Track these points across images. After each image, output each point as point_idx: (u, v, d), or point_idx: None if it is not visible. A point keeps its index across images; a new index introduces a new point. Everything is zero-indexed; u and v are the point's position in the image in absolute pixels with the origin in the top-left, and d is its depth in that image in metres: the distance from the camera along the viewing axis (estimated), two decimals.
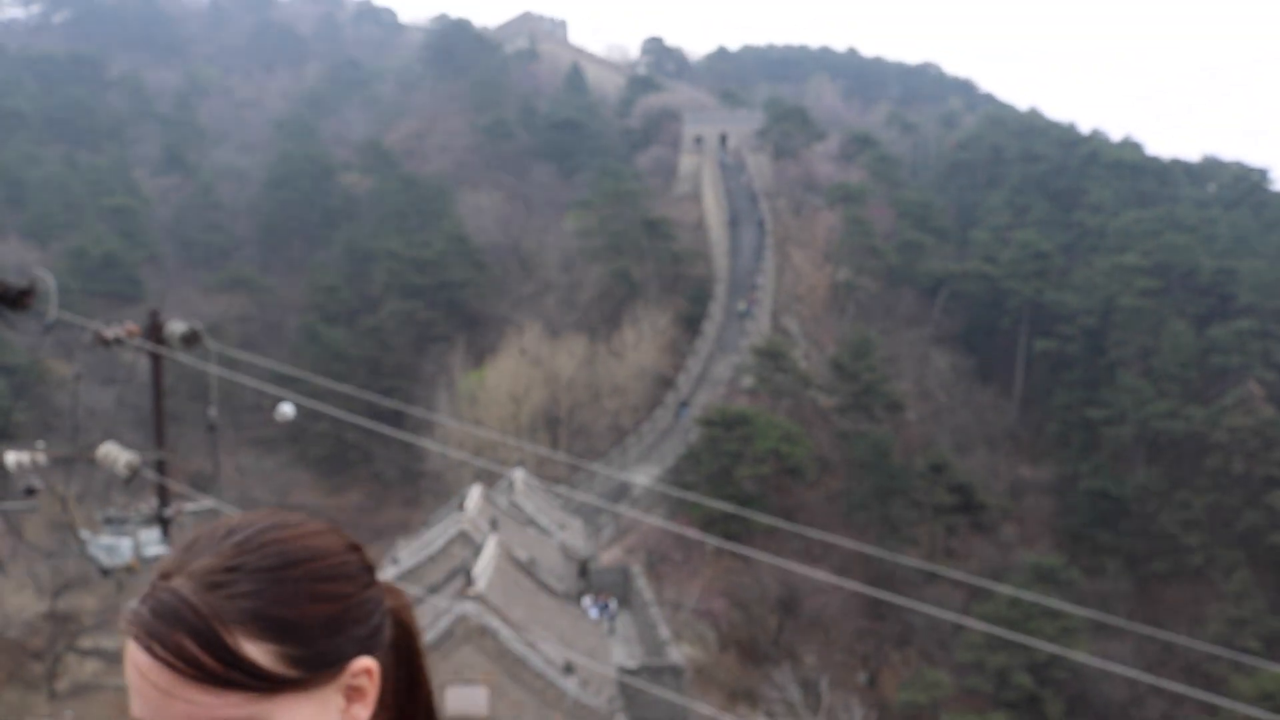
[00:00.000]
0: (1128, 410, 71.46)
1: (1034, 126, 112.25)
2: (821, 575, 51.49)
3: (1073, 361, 79.75)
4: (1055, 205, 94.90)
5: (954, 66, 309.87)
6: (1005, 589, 51.57)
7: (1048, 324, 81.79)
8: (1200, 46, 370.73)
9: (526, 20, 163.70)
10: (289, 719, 1.39)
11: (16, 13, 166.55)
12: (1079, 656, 38.65)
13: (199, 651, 1.34)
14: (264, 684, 1.36)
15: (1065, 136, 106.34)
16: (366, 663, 1.45)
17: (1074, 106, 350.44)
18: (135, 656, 1.36)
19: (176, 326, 18.93)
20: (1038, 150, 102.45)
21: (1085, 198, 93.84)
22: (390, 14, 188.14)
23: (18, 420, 64.77)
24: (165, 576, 1.39)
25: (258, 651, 1.35)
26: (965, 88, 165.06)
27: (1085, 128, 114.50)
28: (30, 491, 16.54)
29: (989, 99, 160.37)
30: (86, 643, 46.33)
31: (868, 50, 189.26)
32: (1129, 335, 76.78)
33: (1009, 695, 52.41)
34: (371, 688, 1.47)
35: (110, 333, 18.31)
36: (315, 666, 1.40)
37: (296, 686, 1.39)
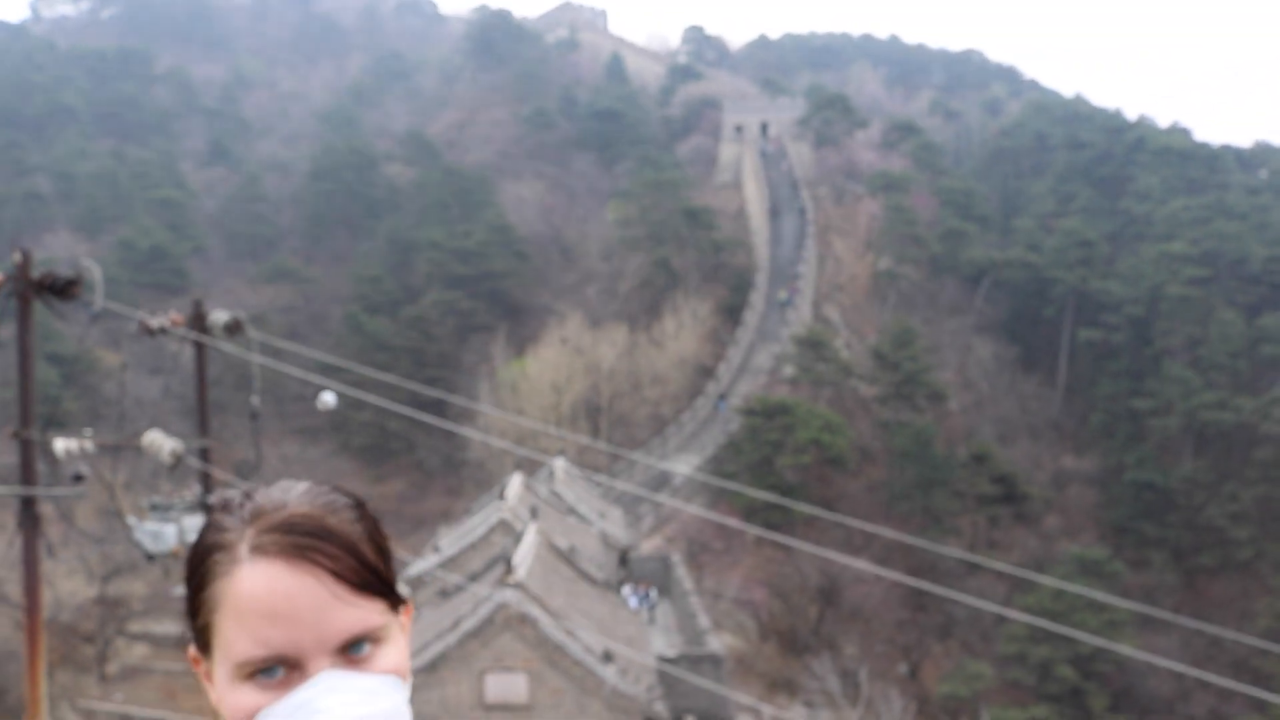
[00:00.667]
0: (1174, 401, 70.49)
1: (1079, 113, 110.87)
2: (863, 565, 51.31)
3: (1118, 351, 78.83)
4: (1101, 193, 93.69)
5: (997, 53, 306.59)
6: (1049, 580, 51.06)
7: (1093, 313, 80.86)
8: (1250, 31, 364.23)
9: (567, 10, 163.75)
10: (398, 638, 1.46)
11: (67, 9, 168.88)
12: (1124, 650, 38.33)
13: (353, 559, 1.39)
14: (395, 596, 1.45)
15: (1111, 123, 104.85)
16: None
17: (1120, 93, 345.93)
18: (282, 579, 1.36)
19: (219, 316, 19.22)
20: (1083, 137, 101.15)
21: (1131, 185, 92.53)
22: (431, 5, 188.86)
23: (67, 408, 65.77)
24: (261, 519, 1.42)
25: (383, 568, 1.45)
26: (1009, 75, 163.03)
27: (1131, 114, 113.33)
28: (79, 478, 16.89)
29: (1033, 85, 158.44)
30: (135, 627, 47.10)
31: (910, 37, 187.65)
32: (1176, 324, 75.71)
33: (1052, 688, 51.94)
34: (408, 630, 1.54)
35: (155, 322, 18.63)
36: (401, 594, 1.48)
37: (398, 609, 1.47)
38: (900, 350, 67.74)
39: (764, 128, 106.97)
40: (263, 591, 1.36)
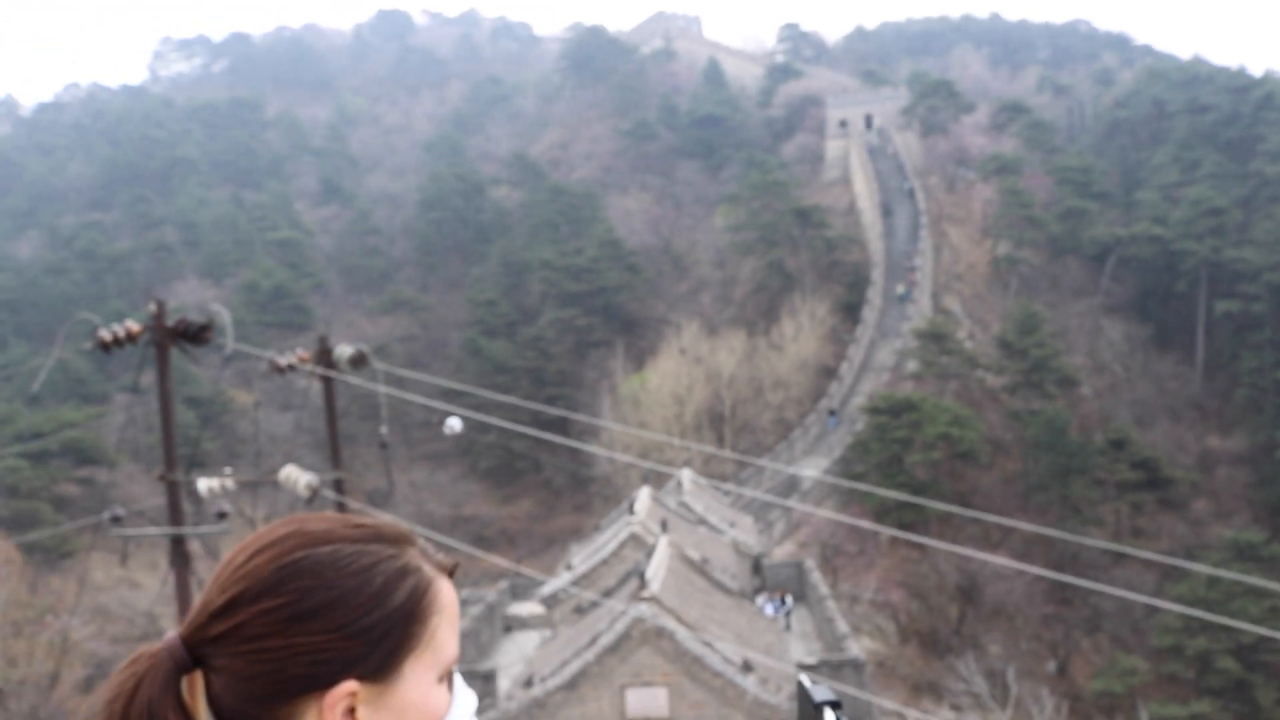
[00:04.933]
0: None
1: (1198, 75, 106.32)
2: (1002, 561, 49.90)
3: (1260, 321, 75.23)
4: (1228, 157, 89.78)
5: (1106, 21, 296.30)
6: (1202, 568, 48.95)
7: (1229, 284, 77.43)
8: None
9: (660, 20, 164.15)
10: None
11: (181, 67, 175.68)
12: None
13: None
14: None
15: (1234, 82, 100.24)
16: None
17: (1242, 49, 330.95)
18: (455, 592, 1.57)
19: (344, 350, 19.52)
20: (1204, 100, 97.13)
21: (1262, 145, 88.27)
22: (525, 28, 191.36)
23: (205, 449, 67.80)
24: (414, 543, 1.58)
25: None
26: (1119, 42, 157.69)
27: (1256, 70, 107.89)
28: (222, 515, 17.30)
29: (1147, 51, 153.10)
30: None
31: (1012, 14, 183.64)
32: None
33: (1213, 682, 49.66)
34: None
35: (284, 360, 19.02)
36: None
37: None
38: (1026, 337, 65.86)
39: (868, 120, 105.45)
40: (455, 601, 1.55)
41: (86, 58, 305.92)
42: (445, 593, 1.52)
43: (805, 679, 1.87)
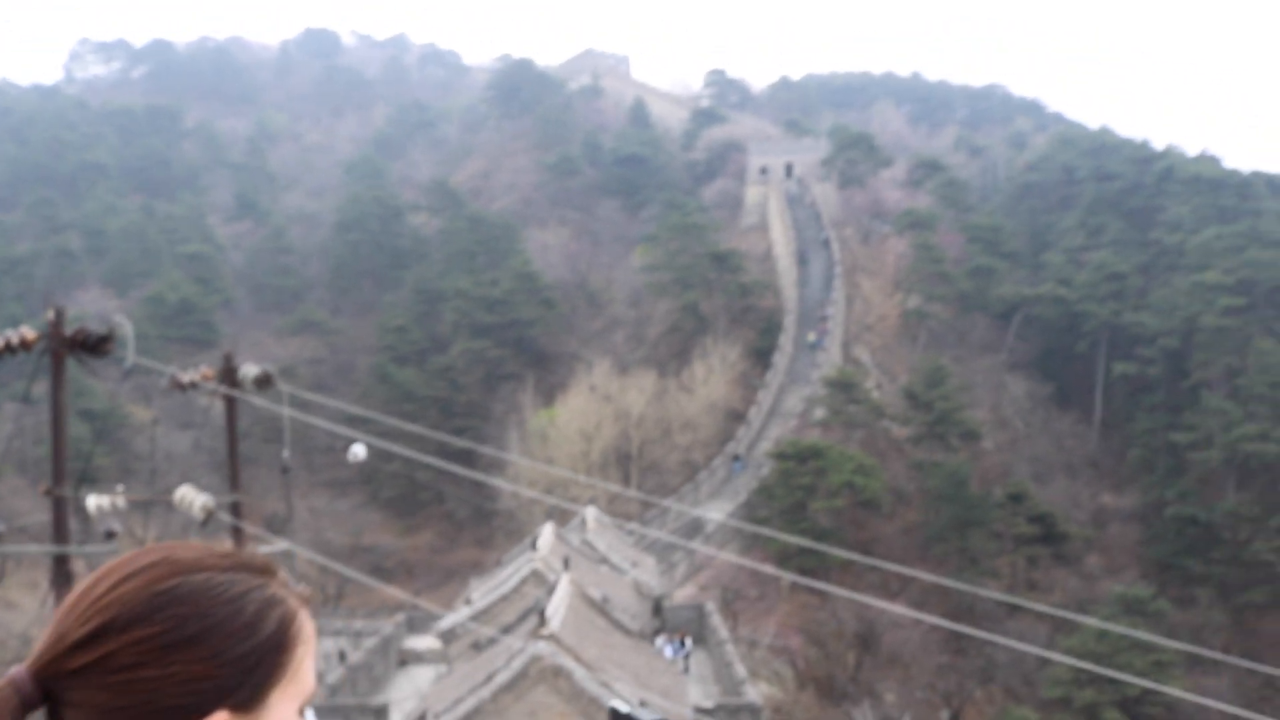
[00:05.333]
0: (1215, 433, 69.14)
1: (1105, 144, 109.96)
2: (900, 610, 50.36)
3: (1154, 384, 77.65)
4: (1130, 224, 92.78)
5: (1021, 87, 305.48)
6: (1092, 621, 50.02)
7: (1127, 347, 79.80)
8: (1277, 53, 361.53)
9: (589, 57, 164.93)
10: None
11: (99, 70, 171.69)
12: (1173, 691, 37.11)
13: None
14: None
15: (1138, 153, 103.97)
16: None
17: (1147, 122, 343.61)
18: (313, 625, 1.54)
19: (249, 370, 19.05)
20: (1110, 168, 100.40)
21: (1162, 215, 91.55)
22: (455, 55, 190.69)
23: (99, 464, 65.71)
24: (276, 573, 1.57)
25: None
26: (1033, 108, 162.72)
27: (1159, 144, 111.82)
28: (111, 535, 16.68)
29: (1058, 118, 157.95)
30: None
31: (932, 74, 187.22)
32: (1213, 356, 74.52)
33: None
34: None
35: (186, 377, 18.48)
36: None
37: None
38: (932, 390, 66.98)
39: (788, 169, 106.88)
40: (315, 632, 1.52)
41: None
42: (308, 624, 1.50)
43: (619, 704, 1.79)
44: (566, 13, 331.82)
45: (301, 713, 1.49)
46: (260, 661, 1.43)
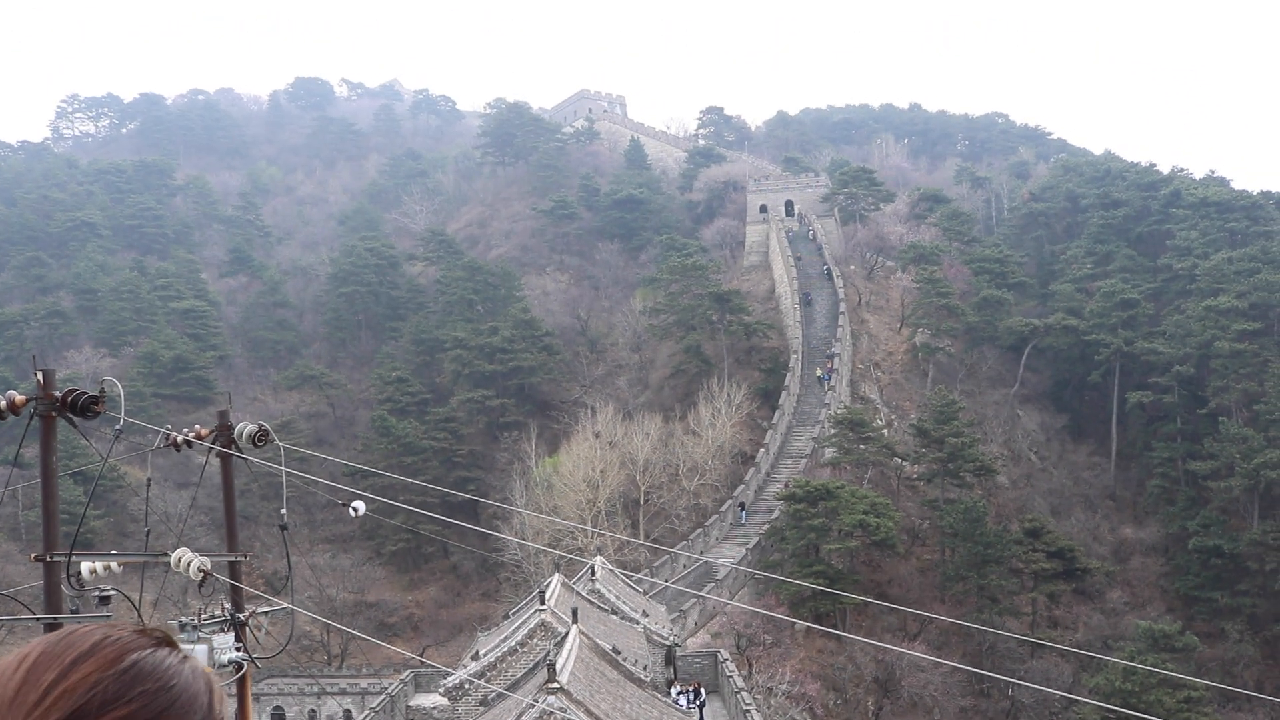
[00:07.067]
0: (1235, 461, 67.49)
1: (1111, 170, 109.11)
2: (918, 654, 48.79)
3: (1170, 413, 76.06)
4: (1139, 251, 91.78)
5: (1022, 115, 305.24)
6: (1118, 659, 48.36)
7: (1141, 375, 78.37)
8: None
9: (583, 99, 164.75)
10: None
11: (88, 127, 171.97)
12: None
13: None
14: None
15: (1144, 178, 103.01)
16: None
17: (1152, 145, 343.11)
18: None
19: (245, 427, 18.05)
20: (1116, 195, 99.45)
21: (1171, 240, 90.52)
22: (448, 101, 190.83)
23: (93, 526, 64.44)
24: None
25: None
26: (1035, 136, 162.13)
27: (1165, 166, 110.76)
28: (105, 599, 16.02)
29: (1061, 145, 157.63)
30: None
31: (931, 105, 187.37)
32: (1230, 381, 72.99)
33: None
34: None
35: (180, 436, 17.53)
36: None
37: None
38: (943, 425, 65.48)
39: (789, 206, 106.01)
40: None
41: None
42: (217, 681, 1.58)
43: None
44: (560, 54, 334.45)
45: None
46: None
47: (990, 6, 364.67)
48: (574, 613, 33.34)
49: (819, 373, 77.39)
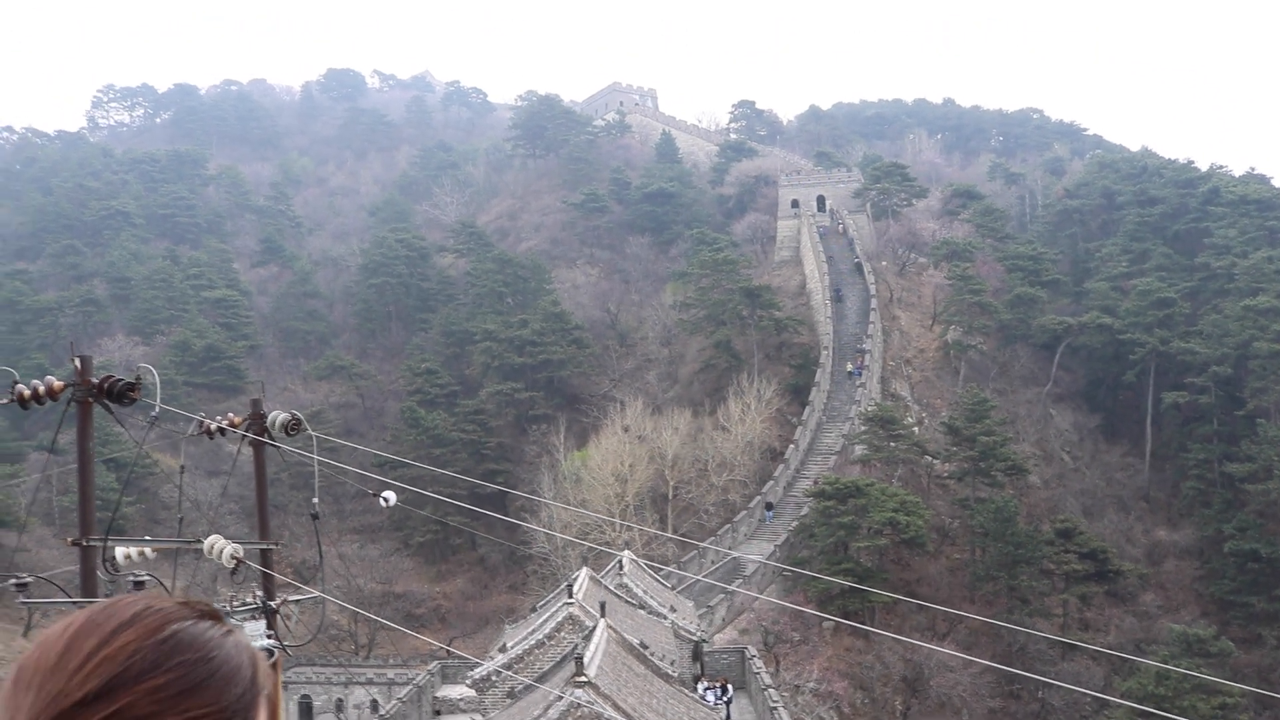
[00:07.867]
0: (1273, 464, 66.51)
1: (1147, 167, 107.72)
2: (948, 652, 48.39)
3: (1207, 414, 75.03)
4: (1176, 249, 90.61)
5: (1057, 110, 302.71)
6: (1151, 663, 47.77)
7: (1176, 375, 77.36)
8: None
9: (615, 91, 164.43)
10: None
11: (122, 117, 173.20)
12: None
13: None
14: None
15: (1182, 175, 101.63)
16: None
17: (1190, 141, 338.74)
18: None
19: (279, 416, 18.10)
20: (1153, 192, 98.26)
21: (1208, 239, 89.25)
22: (480, 93, 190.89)
23: (126, 513, 64.85)
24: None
25: None
26: (1070, 131, 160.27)
27: (1203, 163, 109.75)
28: (139, 585, 16.13)
29: (1097, 141, 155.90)
30: None
31: (965, 100, 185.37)
32: (1268, 383, 71.93)
33: None
34: None
35: (213, 424, 17.61)
36: None
37: None
38: (975, 424, 64.89)
39: (820, 201, 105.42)
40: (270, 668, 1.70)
41: (21, 101, 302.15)
42: (264, 660, 1.58)
43: None
44: (592, 47, 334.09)
45: None
46: (252, 701, 1.51)
47: (1028, 1, 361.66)
48: (602, 606, 33.25)
49: (849, 367, 76.91)
